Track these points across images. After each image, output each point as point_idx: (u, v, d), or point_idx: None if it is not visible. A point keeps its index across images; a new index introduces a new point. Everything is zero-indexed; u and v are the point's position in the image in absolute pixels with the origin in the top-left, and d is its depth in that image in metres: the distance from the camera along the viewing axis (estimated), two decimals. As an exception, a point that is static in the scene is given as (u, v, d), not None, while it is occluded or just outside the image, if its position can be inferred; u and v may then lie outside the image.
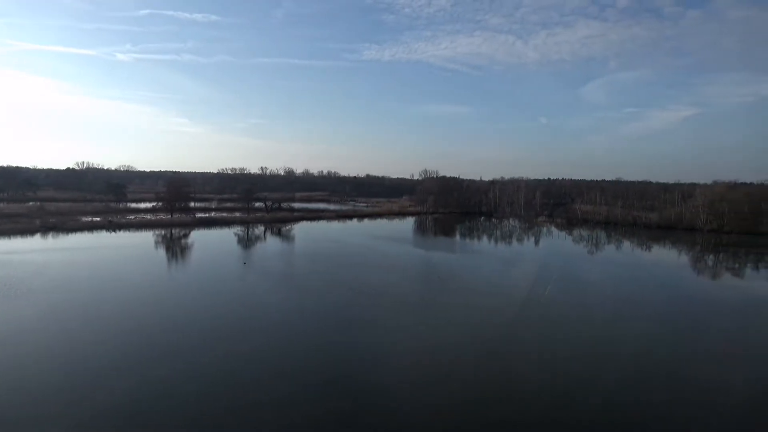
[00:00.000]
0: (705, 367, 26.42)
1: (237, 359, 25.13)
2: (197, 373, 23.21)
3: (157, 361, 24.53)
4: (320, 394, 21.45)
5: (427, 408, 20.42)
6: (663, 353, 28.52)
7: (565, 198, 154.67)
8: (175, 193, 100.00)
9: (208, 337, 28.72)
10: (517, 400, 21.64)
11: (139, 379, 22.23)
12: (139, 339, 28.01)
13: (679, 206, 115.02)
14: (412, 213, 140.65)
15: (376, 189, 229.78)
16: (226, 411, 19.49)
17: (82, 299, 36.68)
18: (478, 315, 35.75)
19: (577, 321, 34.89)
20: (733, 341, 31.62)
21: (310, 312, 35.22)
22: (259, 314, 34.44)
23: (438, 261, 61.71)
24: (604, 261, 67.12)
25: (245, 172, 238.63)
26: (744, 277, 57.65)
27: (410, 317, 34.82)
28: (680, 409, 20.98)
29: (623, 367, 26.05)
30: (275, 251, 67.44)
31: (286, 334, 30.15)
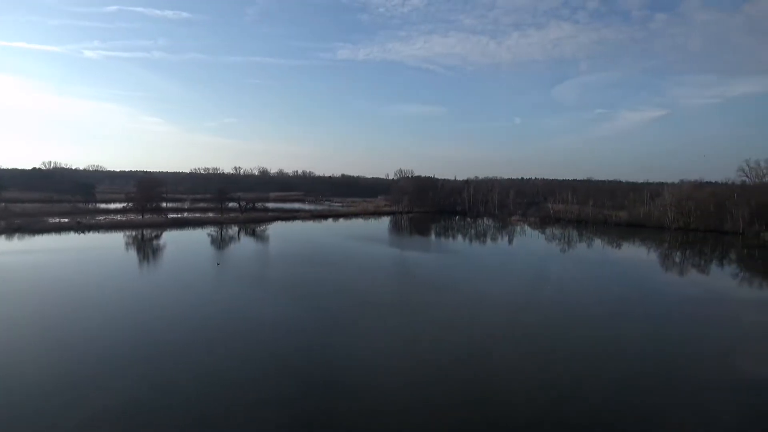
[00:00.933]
0: (673, 361, 27.22)
1: (210, 366, 24.73)
2: (166, 381, 22.83)
3: (124, 369, 23.86)
4: (298, 398, 21.35)
5: (402, 410, 20.54)
6: (630, 345, 29.31)
7: (538, 197, 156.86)
8: (146, 193, 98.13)
9: (180, 342, 28.25)
10: (496, 402, 21.90)
11: (101, 388, 21.64)
12: (103, 345, 27.30)
13: (647, 205, 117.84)
14: (388, 212, 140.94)
15: (351, 189, 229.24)
16: (196, 421, 19.19)
17: (45, 306, 35.75)
18: (453, 316, 36.03)
19: (554, 319, 35.52)
20: (698, 335, 32.65)
21: (286, 314, 35.03)
22: (235, 317, 33.96)
23: (413, 261, 62.06)
24: (576, 259, 68.43)
25: (218, 172, 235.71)
26: (709, 273, 59.40)
27: (387, 317, 34.94)
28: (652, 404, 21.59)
29: (601, 364, 26.66)
30: (250, 252, 66.84)
31: (263, 338, 29.85)
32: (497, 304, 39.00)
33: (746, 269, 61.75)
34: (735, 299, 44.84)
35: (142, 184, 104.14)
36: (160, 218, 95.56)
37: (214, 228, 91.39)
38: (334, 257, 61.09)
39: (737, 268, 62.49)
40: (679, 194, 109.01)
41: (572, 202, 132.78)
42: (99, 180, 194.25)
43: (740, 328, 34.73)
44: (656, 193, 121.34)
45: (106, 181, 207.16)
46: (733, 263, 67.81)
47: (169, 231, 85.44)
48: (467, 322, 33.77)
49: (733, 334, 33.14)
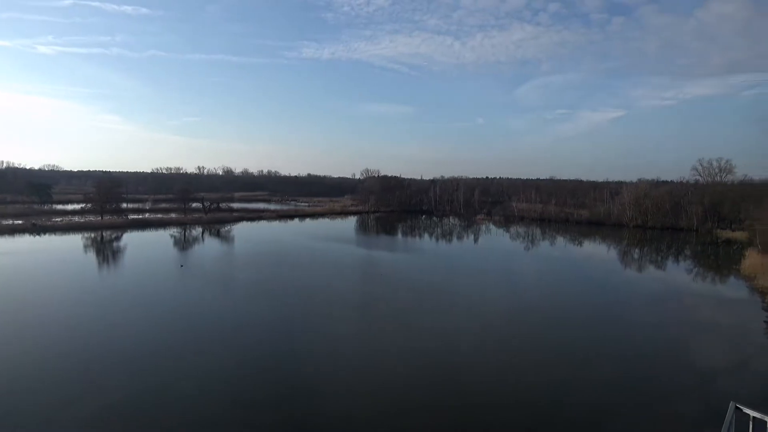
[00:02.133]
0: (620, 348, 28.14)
1: (172, 374, 24.29)
2: (122, 387, 22.33)
3: (75, 378, 23.22)
4: (264, 402, 21.19)
5: (372, 415, 20.62)
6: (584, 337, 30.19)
7: (503, 196, 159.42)
8: (105, 193, 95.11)
9: (140, 348, 27.62)
10: (469, 405, 22.19)
11: (51, 398, 21.05)
12: (57, 352, 26.51)
13: (607, 203, 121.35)
14: (354, 212, 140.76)
15: (317, 188, 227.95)
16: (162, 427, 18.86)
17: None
18: (423, 316, 36.32)
19: (517, 315, 36.21)
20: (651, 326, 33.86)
21: (252, 317, 34.62)
22: (198, 321, 33.41)
23: (381, 261, 62.14)
24: (540, 257, 69.89)
25: (181, 172, 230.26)
26: (666, 269, 61.52)
27: (354, 319, 35.00)
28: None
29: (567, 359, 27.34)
30: (214, 253, 65.71)
31: (227, 342, 29.43)
32: (463, 303, 39.48)
33: (700, 265, 64.21)
34: (691, 294, 46.57)
35: (100, 185, 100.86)
36: (120, 219, 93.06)
37: (177, 229, 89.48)
38: (300, 258, 60.62)
39: (692, 264, 64.94)
40: (637, 193, 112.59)
41: (535, 201, 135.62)
42: (55, 180, 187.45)
43: (694, 322, 36.16)
44: (616, 192, 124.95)
45: (62, 181, 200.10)
46: (688, 259, 70.43)
47: (129, 232, 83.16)
48: (436, 322, 34.07)
49: (688, 328, 34.46)
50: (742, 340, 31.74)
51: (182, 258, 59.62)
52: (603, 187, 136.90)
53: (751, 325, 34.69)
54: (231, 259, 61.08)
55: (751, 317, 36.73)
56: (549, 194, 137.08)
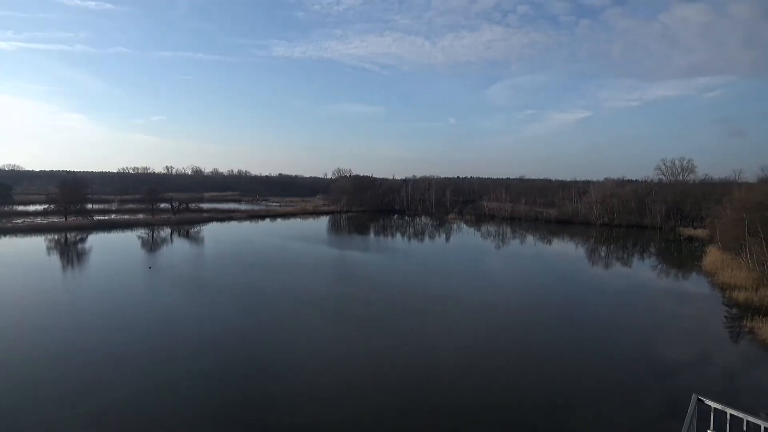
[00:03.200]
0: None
1: (138, 374, 23.84)
2: (91, 392, 21.83)
3: (44, 382, 22.70)
4: (232, 407, 20.96)
5: (344, 419, 20.63)
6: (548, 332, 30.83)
7: (474, 195, 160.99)
8: (69, 194, 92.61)
9: (104, 351, 27.04)
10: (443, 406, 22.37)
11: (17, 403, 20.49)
12: (19, 358, 25.78)
13: (575, 202, 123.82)
14: (327, 212, 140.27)
15: (289, 188, 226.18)
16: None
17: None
18: (393, 316, 36.45)
19: (488, 311, 36.69)
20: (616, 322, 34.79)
21: (222, 320, 34.20)
22: (166, 324, 32.86)
23: (353, 261, 62.07)
24: (510, 255, 70.97)
25: (149, 172, 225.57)
26: (631, 266, 63.20)
27: (326, 320, 34.93)
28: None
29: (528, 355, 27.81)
30: (183, 254, 64.59)
31: (195, 346, 29.02)
32: (436, 303, 39.77)
33: (664, 262, 66.12)
34: (655, 290, 47.90)
35: (64, 185, 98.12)
36: (85, 220, 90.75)
37: (144, 230, 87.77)
38: (271, 259, 60.14)
39: (656, 261, 66.84)
40: (604, 192, 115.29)
41: (506, 200, 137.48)
42: (17, 180, 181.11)
43: (658, 317, 37.23)
44: (583, 191, 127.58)
45: (24, 181, 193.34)
46: (652, 256, 72.46)
47: (95, 234, 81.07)
48: (408, 323, 34.25)
49: (652, 323, 35.47)
50: (703, 335, 32.84)
51: (150, 260, 58.44)
52: (571, 187, 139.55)
53: (712, 320, 35.92)
54: (200, 261, 60.14)
55: (713, 312, 38.04)
56: (519, 193, 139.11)
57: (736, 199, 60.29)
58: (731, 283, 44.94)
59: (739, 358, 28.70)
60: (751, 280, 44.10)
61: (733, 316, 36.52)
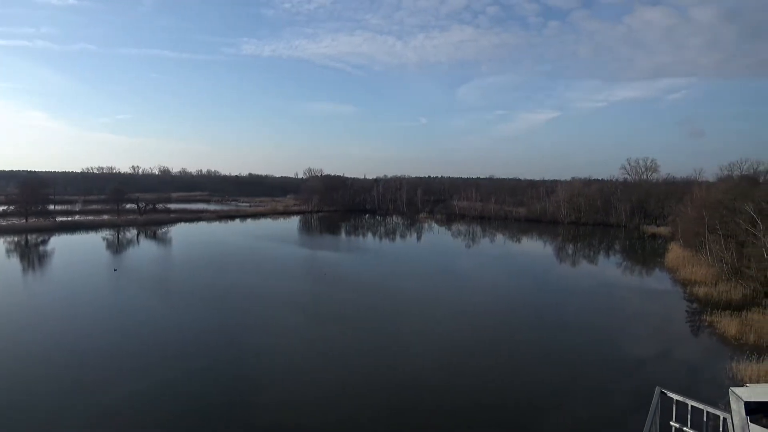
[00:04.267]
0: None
1: (103, 381, 23.24)
2: (49, 397, 21.21)
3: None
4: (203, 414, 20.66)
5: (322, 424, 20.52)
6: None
7: (444, 195, 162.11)
8: (30, 194, 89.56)
9: (66, 357, 26.29)
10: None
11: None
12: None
13: (543, 201, 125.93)
14: (297, 212, 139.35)
15: (259, 188, 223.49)
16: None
17: None
18: (365, 316, 36.45)
19: (459, 311, 37.03)
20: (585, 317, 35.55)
21: (190, 323, 33.65)
22: (132, 328, 32.08)
23: (324, 261, 61.73)
24: (480, 254, 71.77)
25: (114, 172, 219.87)
26: (597, 263, 64.70)
27: (297, 320, 34.72)
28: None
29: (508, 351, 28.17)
30: (150, 256, 63.19)
31: (161, 351, 28.44)
32: (409, 302, 39.98)
33: (628, 259, 67.88)
34: (619, 286, 49.15)
35: (25, 185, 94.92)
36: (47, 222, 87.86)
37: (109, 231, 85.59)
38: (240, 260, 59.31)
39: (621, 258, 68.58)
40: (571, 191, 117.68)
41: (476, 200, 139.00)
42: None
43: (623, 313, 38.20)
44: (551, 190, 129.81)
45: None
46: (617, 253, 74.32)
47: (57, 235, 78.63)
48: (379, 323, 34.32)
49: (617, 319, 36.37)
50: (666, 330, 33.84)
51: (115, 262, 57.03)
52: (539, 186, 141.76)
53: (674, 315, 37.06)
54: (168, 263, 58.97)
55: (675, 307, 39.24)
56: (489, 193, 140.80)
57: (697, 197, 62.43)
58: (692, 279, 46.46)
59: (699, 351, 29.67)
60: (711, 275, 45.65)
61: (693, 311, 37.74)
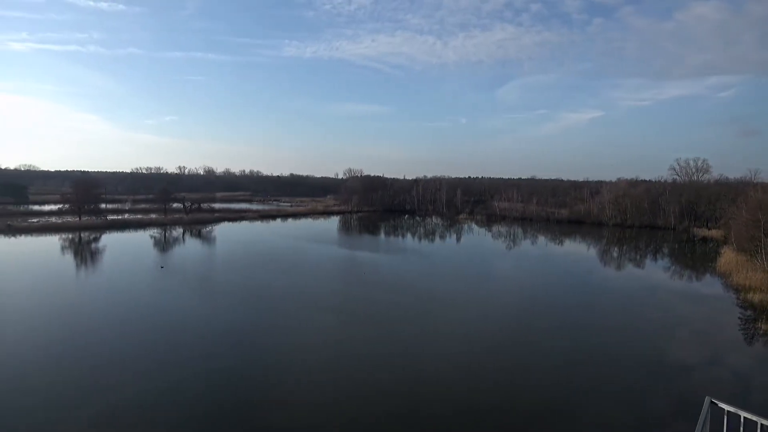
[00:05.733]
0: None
1: (150, 376, 24.05)
2: (105, 393, 22.06)
3: (58, 383, 22.95)
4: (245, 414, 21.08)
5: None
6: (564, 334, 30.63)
7: (484, 196, 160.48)
8: (83, 193, 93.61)
9: (120, 350, 27.30)
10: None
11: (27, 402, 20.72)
12: (31, 358, 26.10)
13: (587, 202, 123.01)
14: (337, 212, 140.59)
15: (300, 188, 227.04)
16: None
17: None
18: (407, 319, 36.44)
19: (503, 314, 36.57)
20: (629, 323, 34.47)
21: (234, 322, 34.39)
22: (176, 326, 33.03)
23: (364, 262, 61.96)
24: (522, 256, 70.63)
25: (162, 172, 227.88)
26: (643, 266, 62.60)
27: (337, 322, 35.01)
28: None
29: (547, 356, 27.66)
30: (195, 254, 64.99)
31: (207, 348, 29.22)
32: (447, 303, 39.75)
33: (677, 263, 65.41)
34: (668, 291, 47.39)
35: (78, 185, 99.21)
36: (98, 220, 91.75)
37: (157, 230, 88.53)
38: (281, 259, 60.28)
39: (669, 262, 66.12)
40: (616, 192, 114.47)
41: (517, 200, 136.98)
42: (31, 180, 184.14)
43: (671, 319, 36.83)
44: (595, 191, 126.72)
45: (39, 181, 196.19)
46: (665, 257, 71.70)
47: (108, 233, 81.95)
48: (419, 325, 34.25)
49: (665, 325, 35.10)
50: (717, 337, 32.47)
51: (162, 259, 58.93)
52: (583, 187, 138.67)
53: (726, 322, 35.49)
54: (212, 261, 60.50)
55: (726, 314, 37.58)
56: (530, 193, 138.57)
57: (752, 199, 59.60)
58: (746, 285, 44.36)
59: (753, 360, 28.32)
60: (767, 281, 43.52)
61: (747, 318, 36.05)
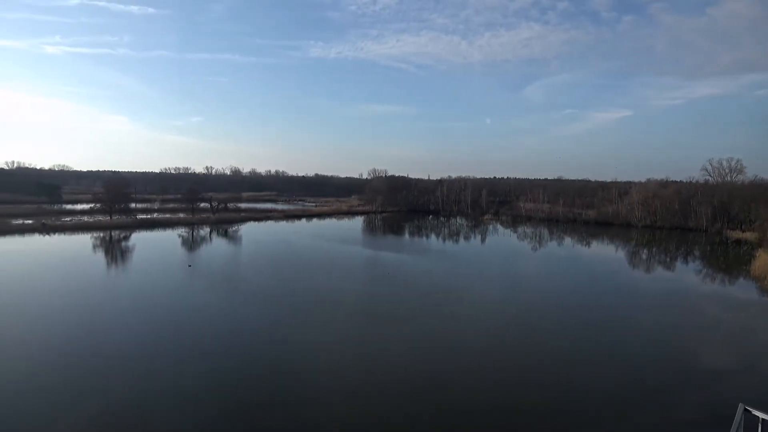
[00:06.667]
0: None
1: (173, 376, 24.42)
2: (127, 391, 22.49)
3: (81, 381, 23.46)
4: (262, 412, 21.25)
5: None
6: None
7: (510, 196, 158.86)
8: (114, 193, 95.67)
9: (148, 348, 27.81)
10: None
11: (51, 403, 21.23)
12: (58, 354, 26.73)
13: (615, 203, 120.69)
14: (361, 212, 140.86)
15: (325, 188, 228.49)
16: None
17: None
18: (431, 320, 36.29)
19: (530, 317, 36.14)
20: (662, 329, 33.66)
21: (257, 319, 34.76)
22: (205, 322, 33.56)
23: (389, 262, 61.91)
24: (548, 257, 69.71)
25: (189, 172, 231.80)
26: (673, 269, 61.13)
27: (358, 322, 35.05)
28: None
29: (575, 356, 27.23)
30: (222, 253, 65.89)
31: (230, 346, 29.58)
32: (472, 306, 39.44)
33: (710, 266, 63.67)
34: (700, 295, 46.22)
35: (109, 185, 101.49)
36: (128, 219, 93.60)
37: (184, 229, 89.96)
38: (306, 259, 60.70)
39: (701, 265, 64.38)
40: (646, 192, 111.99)
41: (543, 201, 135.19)
42: (65, 180, 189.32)
43: (703, 323, 35.87)
44: (624, 192, 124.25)
45: (72, 181, 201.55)
46: (697, 260, 69.87)
47: (138, 232, 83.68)
48: (443, 325, 34.07)
49: (697, 329, 34.20)
50: (751, 342, 31.51)
51: (190, 258, 59.87)
52: (611, 187, 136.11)
53: (761, 327, 34.44)
54: (238, 260, 61.25)
55: (761, 318, 36.47)
56: (556, 194, 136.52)
57: (789, 200, 57.62)
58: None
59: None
60: (804, 285, 42.08)
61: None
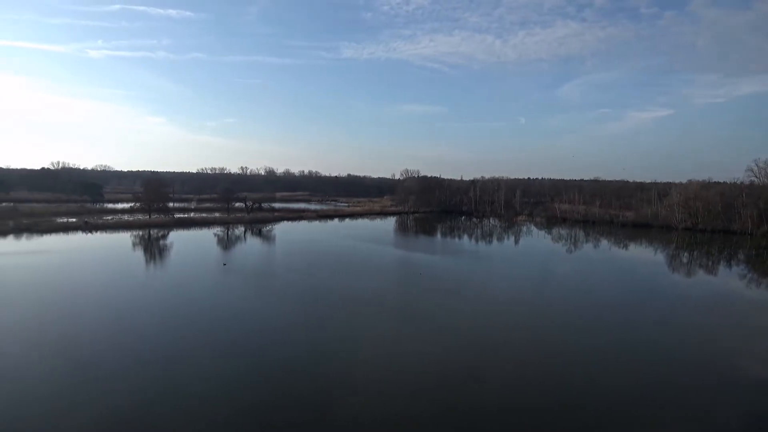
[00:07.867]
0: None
1: (211, 372, 24.81)
2: (167, 385, 22.94)
3: (119, 376, 23.97)
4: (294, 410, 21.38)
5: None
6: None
7: (544, 197, 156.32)
8: (152, 193, 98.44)
9: (183, 345, 28.35)
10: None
11: (94, 396, 21.78)
12: (99, 349, 27.42)
13: (655, 205, 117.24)
14: (393, 212, 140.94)
15: (357, 188, 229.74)
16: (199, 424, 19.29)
17: (46, 308, 36.01)
18: (463, 322, 35.99)
19: (565, 320, 35.45)
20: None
21: (290, 317, 35.11)
22: (239, 320, 34.04)
23: (421, 264, 61.66)
24: (583, 260, 68.30)
25: (225, 172, 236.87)
26: (716, 273, 58.97)
27: (395, 323, 35.01)
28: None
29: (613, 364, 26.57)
30: (256, 253, 66.93)
31: (267, 344, 29.93)
32: (508, 308, 38.94)
33: (755, 270, 61.14)
34: (744, 300, 44.51)
35: (148, 184, 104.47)
36: (166, 218, 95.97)
37: (220, 228, 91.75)
38: (337, 259, 61.03)
39: (746, 269, 61.86)
40: (687, 194, 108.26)
41: (578, 202, 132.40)
42: (106, 180, 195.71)
43: (747, 330, 34.45)
44: (664, 193, 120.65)
45: (113, 180, 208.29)
46: (741, 264, 67.21)
47: (175, 231, 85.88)
48: (479, 329, 33.72)
49: (740, 336, 32.89)
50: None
51: (225, 256, 60.94)
52: (650, 188, 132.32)
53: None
54: (272, 259, 62.10)
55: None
56: (592, 195, 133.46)
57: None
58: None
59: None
60: None
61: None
